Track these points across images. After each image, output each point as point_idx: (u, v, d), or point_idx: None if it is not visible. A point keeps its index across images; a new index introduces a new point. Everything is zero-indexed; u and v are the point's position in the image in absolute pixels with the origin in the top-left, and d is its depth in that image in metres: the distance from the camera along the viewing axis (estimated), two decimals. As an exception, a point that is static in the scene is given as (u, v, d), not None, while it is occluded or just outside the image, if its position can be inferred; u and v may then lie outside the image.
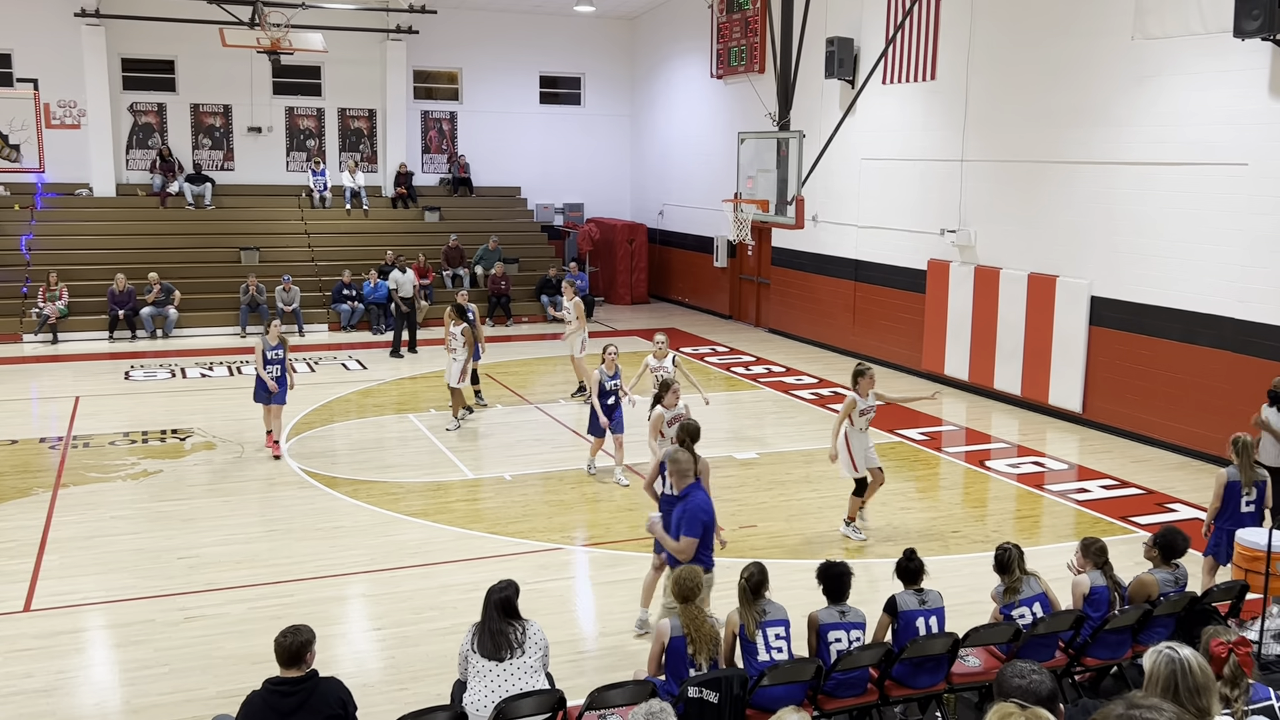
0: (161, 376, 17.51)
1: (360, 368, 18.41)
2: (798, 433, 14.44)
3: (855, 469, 10.45)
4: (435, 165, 26.76)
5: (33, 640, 8.06)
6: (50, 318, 20.11)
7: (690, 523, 7.22)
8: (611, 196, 28.12)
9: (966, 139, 16.47)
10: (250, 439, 13.55)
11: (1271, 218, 12.10)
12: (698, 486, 7.45)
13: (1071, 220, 14.70)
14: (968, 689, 6.82)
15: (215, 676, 7.48)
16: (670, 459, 7.53)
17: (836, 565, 6.64)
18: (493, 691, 5.83)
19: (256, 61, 23.18)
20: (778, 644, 6.36)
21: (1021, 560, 7.06)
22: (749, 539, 10.34)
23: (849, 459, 10.42)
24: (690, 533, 7.20)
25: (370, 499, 11.30)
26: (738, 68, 22.26)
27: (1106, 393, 14.34)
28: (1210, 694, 4.02)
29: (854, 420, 10.36)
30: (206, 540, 10.12)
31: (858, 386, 10.35)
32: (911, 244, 17.73)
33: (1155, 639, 6.74)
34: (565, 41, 26.97)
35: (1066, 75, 14.63)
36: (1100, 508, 11.36)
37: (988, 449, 13.75)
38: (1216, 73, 12.55)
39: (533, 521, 10.82)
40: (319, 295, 22.45)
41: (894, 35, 16.37)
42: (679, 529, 7.28)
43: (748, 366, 18.90)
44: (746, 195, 15.58)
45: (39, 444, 13.52)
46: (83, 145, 23.37)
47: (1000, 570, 7.06)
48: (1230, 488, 8.58)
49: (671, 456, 7.53)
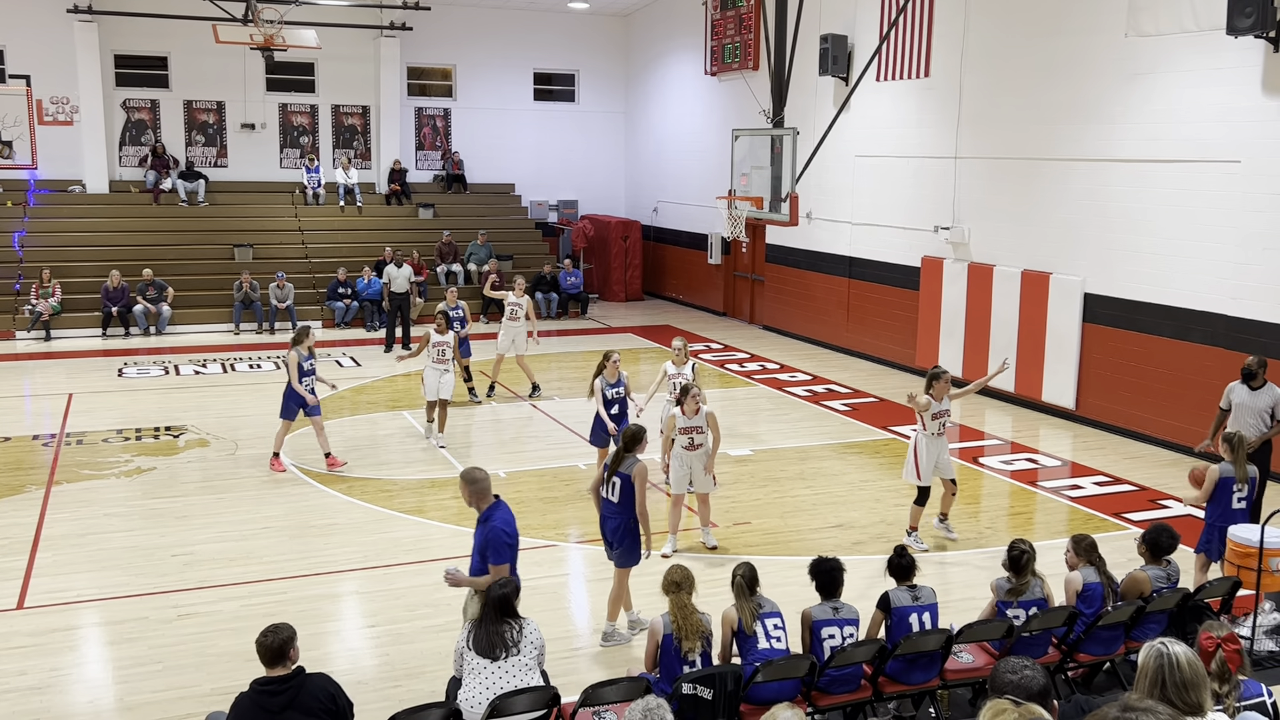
0: (155, 373, 17.48)
1: (354, 364, 18.39)
2: (792, 429, 14.45)
3: (919, 476, 9.87)
4: (429, 162, 26.74)
5: (26, 638, 8.05)
6: (43, 315, 20.06)
7: (496, 550, 6.65)
8: (606, 193, 28.11)
9: (960, 136, 16.48)
10: (244, 435, 13.54)
11: (1264, 215, 12.13)
12: (498, 505, 6.85)
13: (1065, 217, 14.73)
14: (961, 685, 6.84)
15: (209, 674, 7.48)
16: (465, 479, 6.89)
17: (828, 561, 6.66)
18: (488, 689, 5.83)
19: (250, 58, 23.12)
20: (776, 633, 6.41)
21: (1033, 563, 7.08)
22: (743, 535, 10.36)
23: (914, 465, 9.88)
24: (498, 560, 6.65)
25: (364, 496, 11.30)
26: (732, 65, 22.25)
27: (1100, 389, 14.38)
28: (1201, 689, 4.03)
29: (926, 424, 9.81)
30: (200, 537, 10.11)
31: (933, 390, 9.81)
32: (905, 241, 17.75)
33: (1148, 635, 6.77)
34: (559, 38, 26.95)
35: (1060, 72, 14.65)
36: (1093, 504, 11.39)
37: (981, 445, 13.77)
38: (1209, 70, 12.58)
39: (527, 519, 10.80)
40: (313, 292, 22.42)
41: (888, 32, 16.37)
42: (484, 558, 6.72)
43: (742, 363, 18.91)
44: (741, 192, 15.59)
45: (32, 441, 13.49)
46: (75, 142, 23.30)
47: (1013, 569, 7.06)
48: (1223, 484, 8.60)
49: (468, 476, 6.89)
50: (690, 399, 9.73)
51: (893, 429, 14.32)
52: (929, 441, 9.83)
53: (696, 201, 23.97)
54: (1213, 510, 8.67)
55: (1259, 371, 9.80)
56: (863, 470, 12.64)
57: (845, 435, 14.16)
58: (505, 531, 6.70)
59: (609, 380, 11.35)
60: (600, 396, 11.31)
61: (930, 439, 9.83)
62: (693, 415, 9.70)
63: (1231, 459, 8.64)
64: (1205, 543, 8.71)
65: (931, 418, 9.80)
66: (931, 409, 9.78)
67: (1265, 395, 9.76)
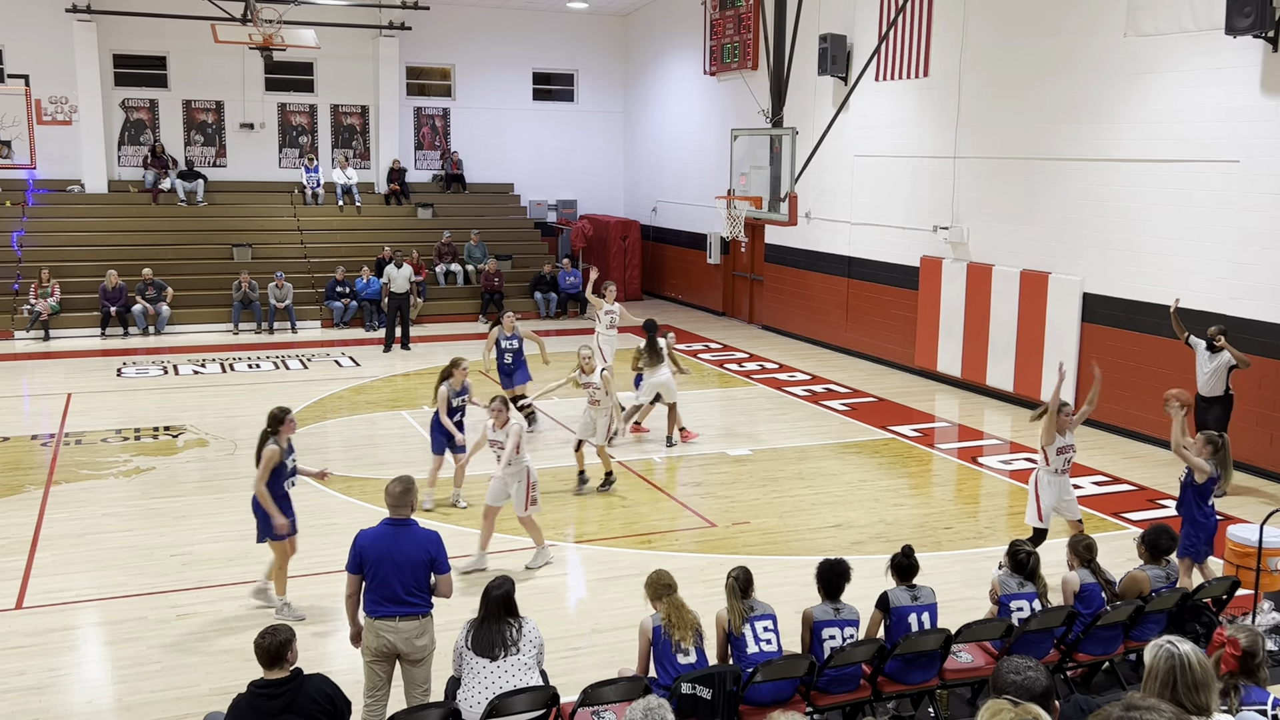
0: (154, 373, 17.47)
1: (353, 364, 18.38)
2: (791, 429, 14.45)
3: (1040, 518, 8.95)
4: (428, 161, 26.72)
5: (25, 637, 8.04)
6: (42, 314, 20.05)
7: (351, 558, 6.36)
8: (605, 193, 28.11)
9: (959, 136, 16.48)
10: (242, 435, 13.51)
11: (1263, 214, 12.14)
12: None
13: (1064, 217, 14.73)
14: (960, 685, 6.84)
15: (207, 674, 7.47)
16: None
17: (839, 565, 6.64)
18: (487, 689, 5.83)
19: (249, 57, 23.08)
20: (766, 636, 6.39)
21: (1037, 568, 7.10)
22: (742, 535, 10.36)
23: (1035, 505, 8.97)
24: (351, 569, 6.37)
25: (363, 496, 11.28)
26: (731, 64, 22.25)
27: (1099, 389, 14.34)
28: (1209, 690, 3.99)
29: (1049, 459, 8.93)
30: (199, 537, 10.10)
31: (1057, 423, 8.90)
32: (904, 240, 17.75)
33: (1148, 635, 6.78)
34: (558, 38, 26.94)
35: (1059, 72, 14.65)
36: (1092, 504, 11.38)
37: (980, 445, 13.77)
38: (1208, 70, 12.58)
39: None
40: (312, 292, 22.41)
41: (887, 32, 16.38)
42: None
43: (741, 363, 18.91)
44: (740, 192, 15.58)
45: (31, 441, 13.48)
46: (74, 141, 23.28)
47: (1018, 571, 7.07)
48: (1206, 485, 8.38)
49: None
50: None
51: (891, 429, 14.31)
52: (1049, 479, 8.97)
53: (695, 201, 23.96)
54: (1188, 511, 8.44)
55: (1218, 339, 11.58)
56: (862, 470, 12.64)
57: (844, 435, 14.16)
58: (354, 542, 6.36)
59: (454, 388, 11.16)
60: (445, 404, 11.08)
61: (1050, 476, 8.97)
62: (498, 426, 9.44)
63: (1216, 459, 8.32)
64: (1188, 547, 8.39)
65: (1057, 452, 8.92)
66: (1056, 443, 8.91)
67: (1221, 357, 11.54)
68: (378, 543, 6.28)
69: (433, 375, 17.43)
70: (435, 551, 6.32)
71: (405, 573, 6.21)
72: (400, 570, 6.21)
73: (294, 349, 19.65)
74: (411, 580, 6.24)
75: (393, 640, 6.23)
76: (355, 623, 6.46)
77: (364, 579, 6.29)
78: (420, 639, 6.29)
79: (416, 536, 6.34)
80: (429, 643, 6.37)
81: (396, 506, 6.39)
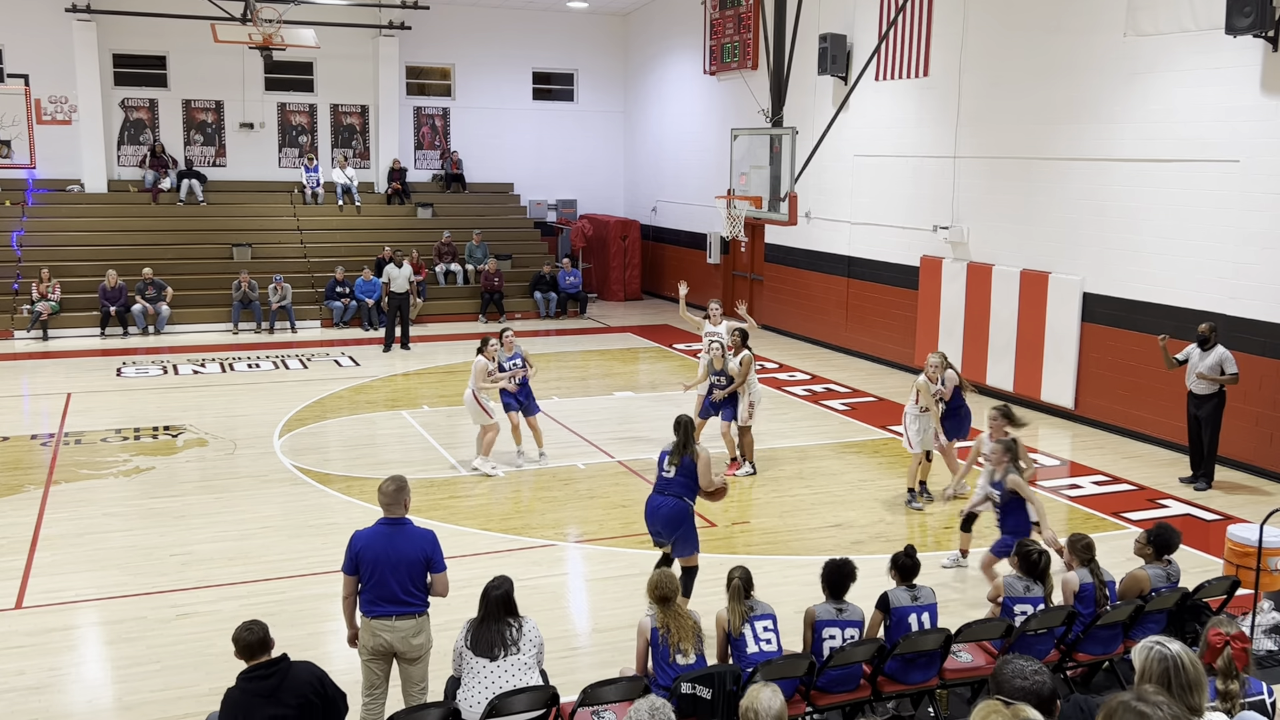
0: (153, 373, 17.47)
1: (353, 364, 18.38)
2: (790, 429, 14.45)
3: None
4: (428, 161, 26.72)
5: (24, 637, 8.04)
6: (42, 314, 20.05)
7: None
8: (605, 193, 28.11)
9: (959, 135, 16.48)
10: (242, 435, 13.52)
11: (1263, 214, 12.13)
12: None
13: (1064, 217, 14.73)
14: (960, 684, 6.84)
15: (207, 673, 7.47)
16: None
17: (845, 565, 6.63)
18: (487, 689, 5.82)
19: (248, 57, 23.09)
20: (766, 635, 6.39)
21: (1048, 569, 7.10)
22: (742, 535, 10.35)
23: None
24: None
25: (363, 496, 11.28)
26: (730, 64, 22.25)
27: (1098, 389, 14.38)
28: (1201, 691, 3.99)
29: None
30: (199, 537, 10.10)
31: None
32: (904, 240, 17.75)
33: (1147, 634, 6.76)
34: (558, 37, 26.94)
35: (1059, 72, 14.65)
36: (1092, 504, 11.39)
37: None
38: (1208, 70, 12.58)
39: (526, 518, 10.83)
40: (311, 292, 22.41)
41: (887, 31, 16.38)
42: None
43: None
44: (739, 192, 15.59)
45: (30, 441, 13.48)
46: (74, 141, 23.28)
47: (1029, 572, 7.07)
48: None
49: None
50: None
51: (891, 429, 14.30)
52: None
53: (695, 201, 23.96)
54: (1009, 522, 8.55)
55: (1210, 336, 11.69)
56: (861, 470, 12.64)
57: (844, 435, 14.16)
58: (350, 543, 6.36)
59: (501, 358, 12.13)
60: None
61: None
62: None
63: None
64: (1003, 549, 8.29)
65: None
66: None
67: (1213, 355, 11.61)
68: (373, 543, 6.27)
69: (433, 375, 17.58)
70: (431, 550, 6.32)
71: (401, 572, 6.21)
72: (396, 570, 6.20)
73: (294, 349, 19.66)
74: (408, 579, 6.23)
75: (389, 639, 6.23)
76: (353, 624, 6.45)
77: (360, 579, 6.29)
78: (417, 638, 6.29)
79: (412, 536, 6.34)
80: (426, 641, 6.37)
81: (390, 505, 6.37)
